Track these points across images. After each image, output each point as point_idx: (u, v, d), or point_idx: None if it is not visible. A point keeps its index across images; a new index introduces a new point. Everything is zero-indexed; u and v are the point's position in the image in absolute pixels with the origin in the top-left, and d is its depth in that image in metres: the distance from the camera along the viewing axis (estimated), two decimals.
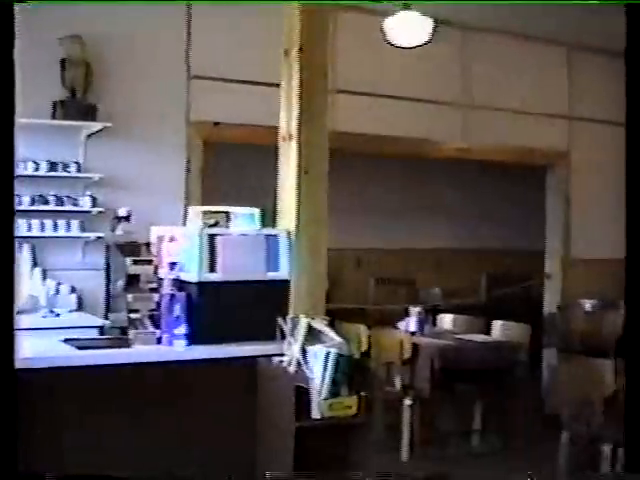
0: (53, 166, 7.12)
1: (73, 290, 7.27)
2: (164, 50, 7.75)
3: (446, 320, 8.51)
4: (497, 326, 8.15)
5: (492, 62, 9.65)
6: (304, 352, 4.86)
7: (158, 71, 7.69)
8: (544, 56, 10.17)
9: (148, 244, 5.20)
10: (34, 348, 4.55)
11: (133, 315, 4.84)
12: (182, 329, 4.79)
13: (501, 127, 9.70)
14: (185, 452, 4.78)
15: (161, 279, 4.92)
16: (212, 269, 4.93)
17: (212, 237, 4.97)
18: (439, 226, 12.02)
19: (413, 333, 7.79)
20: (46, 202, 7.10)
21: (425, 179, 11.62)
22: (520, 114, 9.84)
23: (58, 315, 6.66)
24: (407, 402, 7.38)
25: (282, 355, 4.91)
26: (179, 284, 4.89)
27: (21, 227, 6.88)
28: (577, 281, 10.23)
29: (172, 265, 4.94)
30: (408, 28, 7.94)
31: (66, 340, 4.93)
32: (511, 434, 7.76)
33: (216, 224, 5.18)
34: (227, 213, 5.27)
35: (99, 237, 7.01)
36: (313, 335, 4.94)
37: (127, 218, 5.48)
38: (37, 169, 7.05)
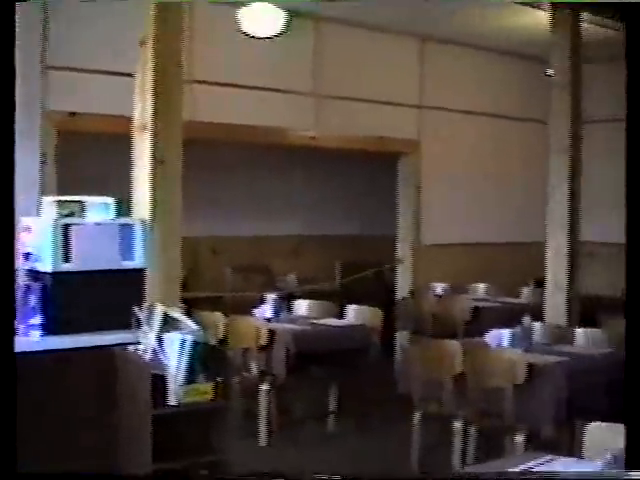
0: None
1: None
2: (19, 40, 7.61)
3: (301, 306, 8.63)
4: (351, 311, 8.32)
5: (345, 53, 9.82)
6: (160, 340, 4.91)
7: None
8: (396, 47, 10.40)
9: None
10: None
11: None
12: (37, 319, 4.80)
13: (354, 116, 9.89)
14: (44, 443, 4.77)
15: (16, 270, 4.90)
16: (67, 259, 4.94)
17: (66, 227, 4.98)
18: (294, 214, 12.13)
19: (269, 319, 7.89)
20: None
21: (279, 168, 11.70)
22: (372, 103, 10.05)
23: None
24: (264, 387, 7.47)
25: (138, 343, 4.96)
26: (34, 275, 4.88)
27: None
28: (428, 266, 10.52)
29: (27, 256, 4.93)
30: (262, 19, 8.05)
31: None
32: (366, 415, 7.96)
33: (71, 214, 5.18)
34: (81, 203, 5.27)
35: None
36: (169, 323, 5.00)
37: None
38: None
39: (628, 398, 3.20)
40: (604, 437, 3.53)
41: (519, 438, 5.97)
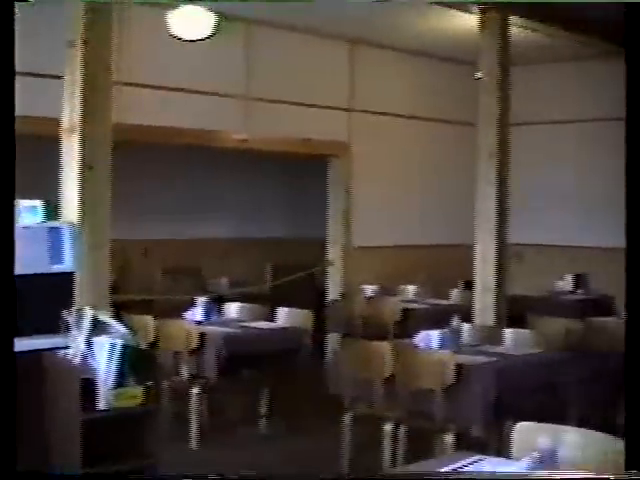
0: None
1: None
2: None
3: (232, 309, 8.61)
4: (281, 313, 8.32)
5: (276, 55, 9.84)
6: (89, 344, 4.88)
7: None
8: (327, 50, 10.44)
9: None
10: None
11: None
12: None
13: (284, 119, 9.91)
14: None
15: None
16: None
17: None
18: (225, 216, 12.10)
19: (200, 322, 7.87)
20: None
21: (210, 170, 11.68)
22: (302, 106, 10.08)
23: None
24: (195, 391, 7.45)
25: (68, 348, 4.92)
26: None
27: None
28: (358, 268, 10.58)
29: None
30: (192, 22, 8.03)
31: None
32: (297, 417, 7.97)
33: None
34: None
35: None
36: (99, 327, 4.97)
37: None
38: None
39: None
40: (532, 436, 3.58)
41: (449, 438, 6.02)
